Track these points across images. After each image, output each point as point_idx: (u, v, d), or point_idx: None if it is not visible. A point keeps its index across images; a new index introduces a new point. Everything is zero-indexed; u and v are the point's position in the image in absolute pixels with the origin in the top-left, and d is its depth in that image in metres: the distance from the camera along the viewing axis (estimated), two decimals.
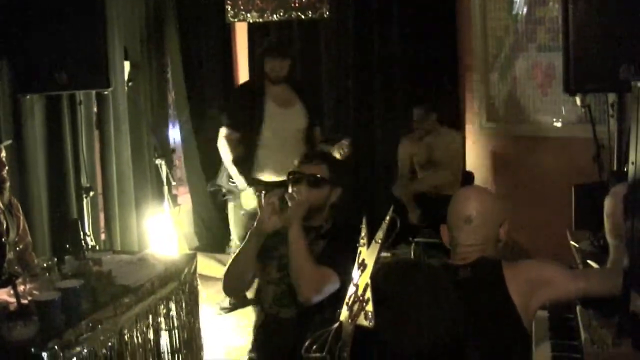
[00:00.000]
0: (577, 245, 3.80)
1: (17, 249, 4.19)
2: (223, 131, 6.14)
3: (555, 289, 2.85)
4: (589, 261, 3.48)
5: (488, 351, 2.50)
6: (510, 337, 2.73)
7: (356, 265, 1.32)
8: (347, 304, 1.24)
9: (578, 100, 4.77)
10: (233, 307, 6.53)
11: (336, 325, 1.28)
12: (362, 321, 1.20)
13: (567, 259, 3.77)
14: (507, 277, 2.78)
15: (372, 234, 1.86)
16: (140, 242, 6.73)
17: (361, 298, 1.22)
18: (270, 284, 3.67)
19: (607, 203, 3.11)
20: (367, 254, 1.22)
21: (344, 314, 1.23)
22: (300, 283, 3.37)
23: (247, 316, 6.46)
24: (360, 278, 1.23)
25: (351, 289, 1.25)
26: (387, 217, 2.04)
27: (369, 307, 1.21)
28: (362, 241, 1.97)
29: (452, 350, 1.24)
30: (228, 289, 3.95)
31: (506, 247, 3.06)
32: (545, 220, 6.16)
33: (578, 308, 3.06)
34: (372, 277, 1.26)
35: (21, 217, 4.25)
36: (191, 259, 4.60)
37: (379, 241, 1.60)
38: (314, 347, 1.29)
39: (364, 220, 2.22)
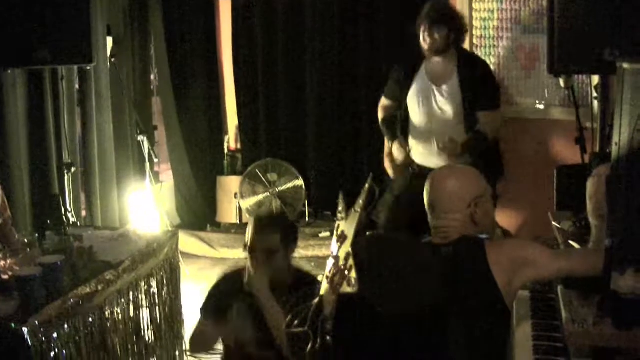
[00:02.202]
0: (559, 226, 3.81)
1: None
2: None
3: (537, 269, 2.85)
4: (570, 241, 3.49)
5: (469, 329, 2.50)
6: (492, 316, 2.73)
7: (334, 238, 1.32)
8: (327, 277, 1.23)
9: (562, 82, 4.78)
10: None
11: (316, 300, 1.27)
12: (345, 288, 1.20)
13: (549, 239, 3.78)
14: (490, 256, 2.78)
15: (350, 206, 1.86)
16: (121, 219, 6.72)
17: (342, 268, 1.22)
18: (249, 344, 3.50)
19: (590, 184, 3.11)
20: (346, 226, 1.21)
21: (324, 288, 1.22)
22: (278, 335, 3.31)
23: None
24: (340, 250, 1.23)
25: (330, 263, 1.25)
26: (366, 185, 2.04)
27: (352, 274, 1.20)
28: (339, 215, 1.97)
29: (434, 319, 1.24)
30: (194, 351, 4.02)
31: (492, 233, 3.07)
32: (527, 202, 6.19)
33: (559, 288, 3.07)
34: (353, 247, 1.25)
35: (0, 192, 4.22)
36: (173, 236, 4.59)
37: (358, 210, 1.60)
38: (295, 322, 1.29)
39: (340, 195, 2.22)
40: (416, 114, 5.32)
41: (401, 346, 1.10)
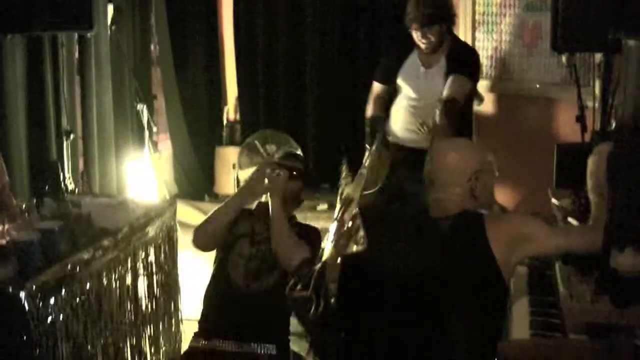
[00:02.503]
0: (558, 203, 3.81)
1: None
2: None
3: (536, 245, 2.85)
4: (569, 219, 3.50)
5: (467, 302, 2.50)
6: (490, 290, 2.73)
7: (339, 202, 1.31)
8: (331, 241, 1.23)
9: (564, 60, 4.76)
10: None
11: (319, 264, 1.27)
12: (352, 249, 1.19)
13: (548, 216, 3.78)
14: (489, 231, 2.78)
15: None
16: (119, 187, 6.71)
17: (348, 230, 1.22)
18: (242, 258, 3.84)
19: (591, 161, 3.11)
20: (352, 188, 1.20)
21: (327, 253, 1.22)
22: (280, 248, 3.57)
23: None
24: (346, 213, 1.22)
25: (334, 227, 1.24)
26: (373, 147, 2.02)
27: (360, 234, 1.20)
28: (343, 181, 1.98)
29: (435, 288, 1.24)
30: (198, 243, 4.01)
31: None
32: (526, 179, 6.19)
33: (557, 264, 3.07)
34: (360, 208, 1.25)
35: None
36: (171, 204, 4.60)
37: (364, 172, 1.59)
38: (299, 286, 1.29)
39: (344, 159, 2.23)
40: (404, 92, 5.35)
41: (404, 310, 1.11)
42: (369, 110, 5.65)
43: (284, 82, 8.10)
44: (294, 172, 4.07)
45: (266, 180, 3.96)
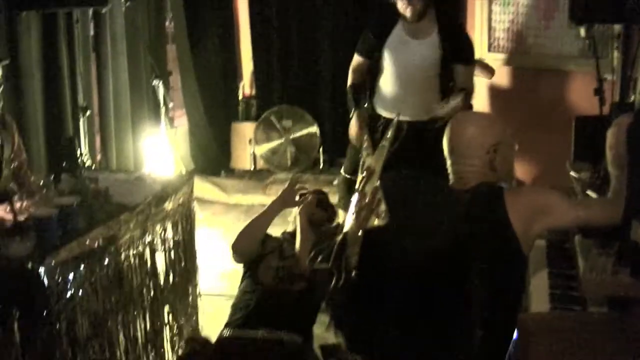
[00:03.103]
0: (576, 176, 3.78)
1: (12, 166, 4.16)
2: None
3: (555, 217, 2.84)
4: (588, 191, 3.47)
5: (487, 274, 2.49)
6: (509, 263, 2.72)
7: (360, 174, 1.30)
8: (353, 213, 1.22)
9: (582, 32, 4.71)
10: None
11: (340, 237, 1.26)
12: (374, 222, 1.18)
13: (567, 190, 3.76)
14: (508, 203, 2.76)
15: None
16: (136, 163, 6.72)
17: (369, 203, 1.21)
18: (271, 269, 4.05)
19: (610, 133, 3.08)
20: (374, 160, 1.19)
21: (348, 225, 1.21)
22: (304, 254, 3.64)
23: None
24: (367, 185, 1.21)
25: (355, 199, 1.23)
26: (394, 120, 2.00)
27: (382, 207, 1.19)
28: (364, 152, 1.97)
29: (456, 260, 1.23)
30: (238, 246, 4.20)
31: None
32: (544, 152, 6.16)
33: (576, 237, 3.06)
34: (381, 180, 1.24)
35: (15, 135, 4.21)
36: (188, 179, 4.59)
37: (385, 144, 1.58)
38: (319, 259, 1.28)
39: (365, 132, 2.23)
40: (391, 64, 5.29)
41: (424, 283, 1.10)
42: (350, 78, 5.60)
43: (299, 57, 8.08)
44: (322, 202, 4.41)
45: (297, 197, 4.31)
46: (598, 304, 2.67)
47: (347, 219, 1.19)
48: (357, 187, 1.23)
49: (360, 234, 1.10)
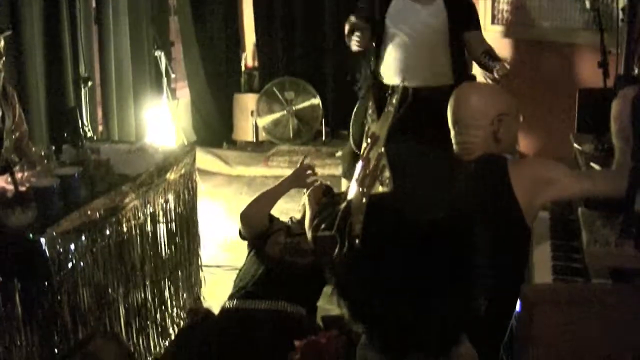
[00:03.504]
0: (580, 148, 3.76)
1: (14, 137, 4.15)
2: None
3: (559, 189, 2.82)
4: (592, 164, 3.45)
5: (491, 245, 2.48)
6: (512, 234, 2.71)
7: (364, 142, 1.28)
8: (357, 180, 1.20)
9: (587, 3, 4.68)
10: None
11: (344, 204, 1.24)
12: (378, 189, 1.17)
13: (571, 162, 3.74)
14: (512, 174, 2.75)
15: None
16: (138, 134, 6.71)
17: (374, 169, 1.19)
18: (278, 244, 4.02)
19: (615, 105, 3.06)
20: (378, 127, 1.17)
21: (352, 192, 1.19)
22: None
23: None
24: (372, 152, 1.19)
25: (359, 166, 1.21)
26: (400, 85, 1.98)
27: (386, 174, 1.18)
28: (369, 118, 1.95)
29: (460, 230, 1.22)
30: (247, 216, 4.15)
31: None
32: (547, 125, 6.13)
33: (580, 209, 3.04)
34: (386, 147, 1.22)
35: (17, 106, 4.20)
36: (190, 150, 4.57)
37: (391, 109, 1.56)
38: (323, 226, 1.27)
39: (370, 99, 2.21)
40: (396, 30, 5.21)
41: (428, 251, 1.09)
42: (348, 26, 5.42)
43: (302, 28, 8.04)
44: (329, 190, 4.22)
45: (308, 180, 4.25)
46: (601, 276, 2.66)
47: (350, 186, 1.18)
48: (361, 153, 1.21)
49: (364, 201, 1.08)
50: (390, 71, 5.23)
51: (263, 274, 3.86)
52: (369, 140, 1.21)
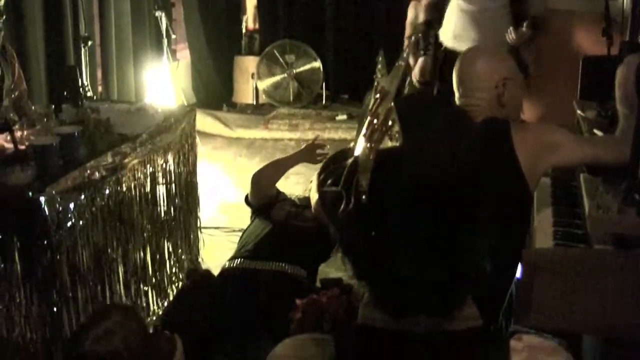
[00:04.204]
0: (583, 115, 3.74)
1: (13, 96, 4.12)
2: None
3: (562, 154, 2.81)
4: (595, 130, 3.43)
5: (491, 210, 2.47)
6: (514, 199, 2.70)
7: (373, 96, 1.26)
8: (365, 135, 1.18)
9: None
10: None
11: (351, 160, 1.22)
12: (387, 144, 1.14)
13: (573, 128, 3.73)
14: (515, 139, 2.73)
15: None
16: (137, 95, 6.68)
17: (382, 124, 1.17)
18: (284, 210, 4.07)
19: (620, 72, 3.03)
20: (387, 81, 1.15)
21: (360, 148, 1.17)
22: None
23: (242, 171, 6.48)
24: (380, 107, 1.17)
25: (367, 121, 1.19)
26: (413, 38, 1.95)
27: (395, 128, 1.15)
28: (379, 73, 1.93)
29: (465, 191, 1.20)
30: (258, 178, 4.16)
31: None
32: (550, 93, 6.10)
33: (582, 176, 3.02)
34: (395, 101, 1.19)
35: (16, 64, 4.17)
36: (190, 111, 4.54)
37: (402, 63, 1.54)
38: (329, 182, 1.24)
39: (380, 53, 2.19)
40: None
41: (434, 210, 1.08)
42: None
43: None
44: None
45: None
46: (602, 242, 2.65)
47: (358, 142, 1.16)
48: (369, 108, 1.19)
49: (371, 156, 1.07)
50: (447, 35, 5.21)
51: (267, 235, 3.86)
52: (377, 95, 1.19)
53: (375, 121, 1.20)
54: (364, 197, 1.18)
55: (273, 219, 3.98)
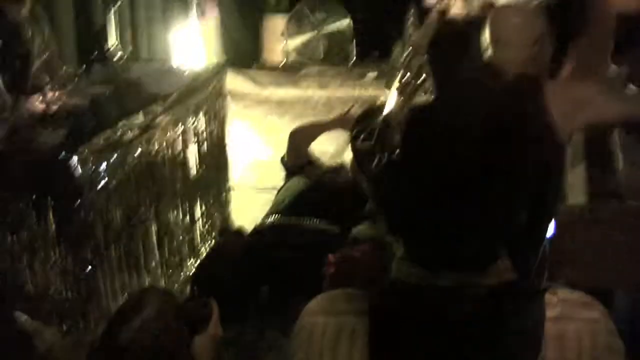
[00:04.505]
0: (617, 70, 3.69)
1: (43, 57, 4.14)
2: None
3: (596, 110, 2.76)
4: (630, 85, 3.39)
5: (525, 168, 2.45)
6: (546, 156, 2.67)
7: (405, 50, 1.24)
8: (397, 89, 1.17)
9: None
10: None
11: (383, 115, 1.21)
12: (420, 98, 1.14)
13: (607, 84, 3.67)
14: (548, 95, 2.70)
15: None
16: (167, 54, 6.67)
17: (415, 78, 1.16)
18: (317, 170, 4.11)
19: None
20: (420, 35, 1.13)
21: (392, 102, 1.16)
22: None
23: (273, 130, 6.48)
24: (414, 59, 1.16)
25: (400, 75, 1.18)
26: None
27: (428, 82, 1.14)
28: (411, 27, 1.92)
29: (495, 147, 1.19)
30: (295, 136, 4.19)
31: None
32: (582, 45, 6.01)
33: (616, 132, 2.99)
34: (428, 55, 1.19)
35: (46, 26, 4.17)
36: (220, 71, 4.54)
37: (435, 16, 1.51)
38: (362, 137, 1.24)
39: (412, 7, 2.17)
40: None
41: (468, 165, 1.08)
42: None
43: None
44: None
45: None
46: (637, 198, 2.63)
47: (390, 97, 1.15)
48: (401, 62, 1.17)
49: (404, 110, 1.06)
50: None
51: (302, 193, 3.88)
52: (409, 49, 1.17)
53: (407, 75, 1.19)
54: (397, 151, 1.17)
55: (309, 177, 3.99)
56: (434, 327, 1.23)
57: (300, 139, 4.14)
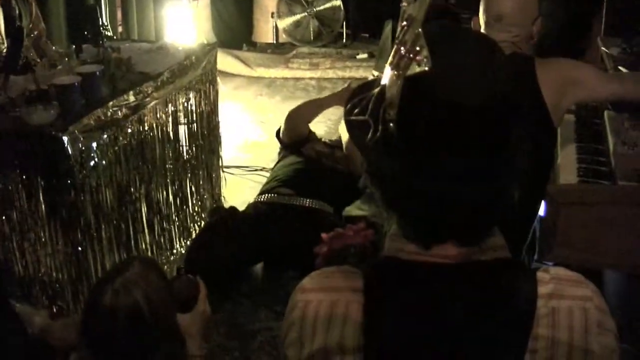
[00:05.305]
0: (607, 51, 3.69)
1: (32, 35, 4.12)
2: None
3: (587, 89, 2.77)
4: (620, 67, 3.39)
5: (516, 143, 2.45)
6: (538, 134, 2.67)
7: (400, 24, 1.24)
8: (391, 64, 1.16)
9: None
10: None
11: (378, 88, 1.20)
12: (415, 69, 1.13)
13: (598, 64, 3.68)
14: (539, 74, 2.70)
15: None
16: (157, 34, 6.65)
17: (409, 51, 1.15)
18: (314, 149, 4.18)
19: None
20: (415, 8, 1.12)
21: (387, 76, 1.15)
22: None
23: (263, 110, 6.48)
24: (407, 34, 1.15)
25: (394, 50, 1.17)
26: None
27: (423, 53, 1.13)
28: (405, 2, 1.90)
29: (492, 118, 1.19)
30: (292, 116, 4.26)
31: None
32: None
33: (606, 112, 3.00)
34: (423, 27, 1.17)
35: (33, 4, 4.16)
36: (211, 49, 4.51)
37: None
38: (356, 111, 1.23)
39: None
40: None
41: (462, 135, 1.07)
42: None
43: None
44: None
45: None
46: (627, 179, 2.63)
47: (385, 70, 1.14)
48: (396, 36, 1.17)
49: (399, 83, 1.05)
50: None
51: (297, 171, 3.90)
52: (404, 22, 1.16)
53: (402, 49, 1.18)
54: (392, 124, 1.17)
55: (304, 155, 4.00)
56: (427, 303, 1.23)
57: (298, 118, 4.15)
